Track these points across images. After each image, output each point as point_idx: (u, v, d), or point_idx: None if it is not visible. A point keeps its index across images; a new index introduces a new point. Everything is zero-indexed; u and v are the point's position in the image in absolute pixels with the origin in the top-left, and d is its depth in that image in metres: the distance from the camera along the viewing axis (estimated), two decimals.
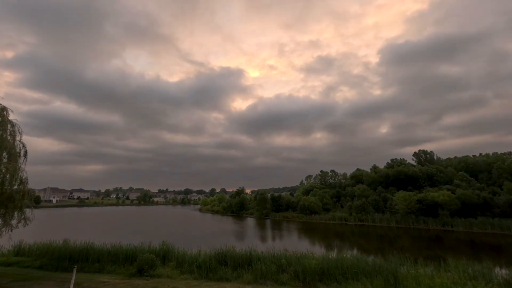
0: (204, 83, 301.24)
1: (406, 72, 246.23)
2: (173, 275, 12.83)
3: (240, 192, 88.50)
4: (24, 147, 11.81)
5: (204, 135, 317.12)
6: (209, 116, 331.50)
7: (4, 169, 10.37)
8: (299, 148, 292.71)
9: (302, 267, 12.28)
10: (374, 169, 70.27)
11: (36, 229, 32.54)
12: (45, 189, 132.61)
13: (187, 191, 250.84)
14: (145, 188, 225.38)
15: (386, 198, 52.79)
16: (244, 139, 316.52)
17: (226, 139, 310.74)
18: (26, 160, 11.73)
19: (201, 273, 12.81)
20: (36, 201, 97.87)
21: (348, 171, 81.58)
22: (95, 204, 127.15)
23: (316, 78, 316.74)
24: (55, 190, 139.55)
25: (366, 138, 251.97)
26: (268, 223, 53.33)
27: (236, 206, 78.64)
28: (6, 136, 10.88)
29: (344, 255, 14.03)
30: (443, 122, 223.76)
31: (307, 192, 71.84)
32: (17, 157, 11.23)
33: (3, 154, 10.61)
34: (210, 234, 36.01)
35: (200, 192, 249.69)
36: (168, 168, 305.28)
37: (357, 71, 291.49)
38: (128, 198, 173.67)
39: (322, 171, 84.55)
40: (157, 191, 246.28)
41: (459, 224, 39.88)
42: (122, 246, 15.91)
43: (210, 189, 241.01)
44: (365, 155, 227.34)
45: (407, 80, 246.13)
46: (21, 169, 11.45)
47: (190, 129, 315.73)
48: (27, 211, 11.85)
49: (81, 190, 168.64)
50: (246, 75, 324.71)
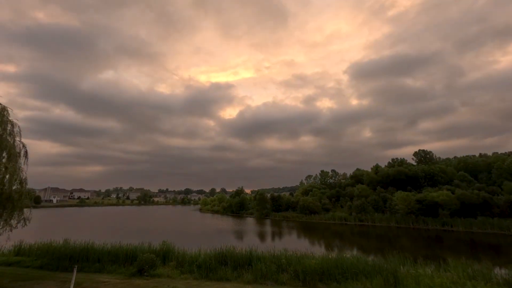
0: (193, 95, 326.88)
1: (374, 85, 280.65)
2: (173, 275, 12.85)
3: (240, 192, 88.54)
4: (25, 147, 11.80)
5: (199, 139, 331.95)
6: (201, 122, 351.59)
7: (4, 169, 10.36)
8: (291, 150, 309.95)
9: (302, 267, 12.29)
10: (375, 169, 70.25)
11: (37, 229, 32.60)
12: (46, 189, 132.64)
13: (187, 191, 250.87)
14: (145, 188, 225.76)
15: (386, 198, 52.80)
16: (237, 142, 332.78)
17: (220, 142, 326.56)
18: (27, 160, 11.74)
19: (201, 273, 12.82)
20: (37, 201, 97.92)
21: (341, 172, 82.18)
22: (96, 204, 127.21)
23: (296, 91, 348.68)
24: (56, 190, 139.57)
25: (352, 141, 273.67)
26: (268, 223, 53.35)
27: (236, 206, 78.67)
28: (6, 136, 10.88)
29: (344, 255, 14.05)
30: (420, 127, 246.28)
31: (307, 192, 71.81)
32: (17, 157, 11.22)
33: (3, 154, 10.60)
34: (210, 233, 36.06)
35: (200, 192, 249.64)
36: (166, 169, 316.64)
37: (332, 85, 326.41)
38: (129, 198, 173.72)
39: (322, 171, 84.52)
40: (157, 191, 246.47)
41: (459, 224, 39.89)
42: (122, 246, 15.92)
43: (210, 189, 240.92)
44: (353, 157, 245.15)
45: (378, 92, 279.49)
46: (21, 169, 11.46)
47: (184, 134, 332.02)
48: (26, 211, 11.85)
49: (82, 190, 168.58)
50: (232, 88, 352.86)
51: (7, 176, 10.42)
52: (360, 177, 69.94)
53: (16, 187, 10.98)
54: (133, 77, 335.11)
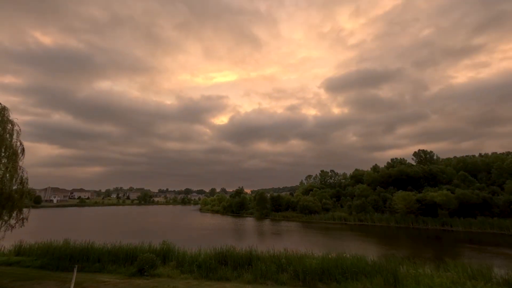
0: (184, 105, 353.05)
1: (348, 96, 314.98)
2: (174, 275, 12.86)
3: (240, 192, 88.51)
4: (22, 145, 11.74)
5: (193, 142, 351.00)
6: (194, 128, 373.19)
7: (4, 168, 10.36)
8: (282, 153, 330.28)
9: (302, 267, 12.30)
10: (375, 169, 70.26)
11: (37, 229, 32.63)
12: (46, 189, 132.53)
13: (188, 191, 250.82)
14: (146, 188, 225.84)
15: (386, 198, 52.82)
16: (230, 145, 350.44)
17: (213, 146, 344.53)
18: (23, 157, 11.68)
19: (201, 273, 12.83)
20: (37, 201, 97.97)
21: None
22: (96, 204, 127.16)
23: (279, 101, 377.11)
24: (56, 190, 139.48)
25: (338, 145, 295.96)
26: (268, 223, 53.36)
27: (236, 206, 78.67)
28: (6, 135, 10.87)
29: (344, 255, 14.05)
30: (399, 132, 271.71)
31: (307, 192, 71.86)
32: (17, 156, 11.21)
33: (2, 153, 10.58)
34: (209, 234, 36.07)
35: (200, 192, 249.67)
36: (164, 170, 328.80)
37: (312, 96, 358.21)
38: (129, 198, 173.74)
39: (322, 171, 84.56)
40: (158, 191, 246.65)
41: (459, 224, 39.91)
42: (123, 246, 15.93)
43: (210, 189, 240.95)
44: (341, 159, 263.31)
45: (353, 101, 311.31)
46: (22, 169, 11.45)
47: (179, 138, 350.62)
48: (25, 211, 11.83)
49: (82, 190, 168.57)
50: (220, 98, 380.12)
51: (7, 176, 10.41)
52: (360, 177, 69.96)
53: (17, 187, 10.97)
54: (127, 87, 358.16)
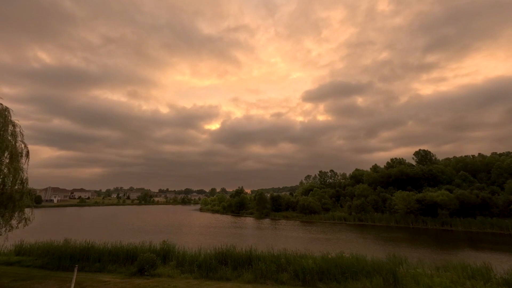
0: (178, 113, 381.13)
1: (328, 105, 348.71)
2: (174, 275, 12.89)
3: (240, 192, 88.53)
4: (26, 147, 11.81)
5: (189, 145, 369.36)
6: (189, 132, 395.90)
7: (6, 170, 10.39)
8: (275, 155, 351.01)
9: (302, 267, 12.32)
10: (375, 169, 70.32)
11: (37, 229, 32.65)
12: (46, 189, 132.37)
13: (188, 191, 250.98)
14: (146, 188, 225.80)
15: (386, 198, 52.86)
16: (224, 148, 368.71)
17: (208, 148, 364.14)
18: (28, 160, 11.76)
19: (202, 273, 12.86)
20: (37, 201, 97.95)
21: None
22: (96, 204, 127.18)
23: (266, 109, 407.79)
24: (56, 190, 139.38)
25: (327, 147, 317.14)
26: (268, 223, 53.40)
27: (236, 206, 78.74)
28: (8, 137, 10.90)
29: (344, 255, 14.08)
30: (383, 136, 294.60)
31: (307, 192, 71.92)
32: (19, 158, 11.24)
33: (5, 154, 10.62)
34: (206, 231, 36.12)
35: (201, 192, 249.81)
36: (162, 171, 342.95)
37: (295, 106, 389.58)
38: (129, 198, 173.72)
39: (321, 171, 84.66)
40: (158, 191, 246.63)
41: (458, 224, 39.96)
42: (123, 246, 15.95)
43: (211, 189, 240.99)
44: (332, 161, 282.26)
45: (334, 110, 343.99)
46: (22, 169, 11.48)
47: (175, 141, 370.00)
48: (27, 211, 11.87)
49: (82, 190, 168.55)
50: (212, 108, 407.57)
51: (10, 176, 10.44)
52: (360, 177, 70.02)
53: (18, 187, 11.01)
54: (122, 96, 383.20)
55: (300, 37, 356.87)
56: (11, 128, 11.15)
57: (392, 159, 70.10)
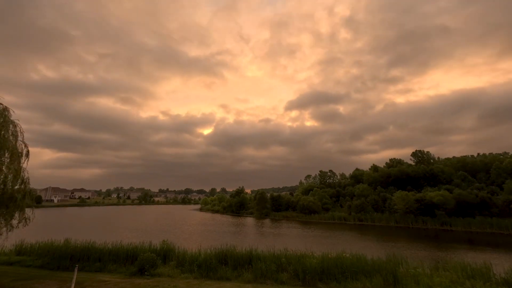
0: (172, 119, 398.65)
1: (312, 112, 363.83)
2: (174, 274, 12.91)
3: (240, 192, 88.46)
4: (26, 147, 11.80)
5: (185, 148, 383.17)
6: (184, 136, 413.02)
7: (6, 170, 10.40)
8: (269, 156, 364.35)
9: (302, 266, 12.34)
10: (375, 168, 70.30)
11: (38, 229, 32.67)
12: (47, 189, 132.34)
13: (188, 191, 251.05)
14: (146, 188, 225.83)
15: (385, 198, 52.87)
16: (218, 150, 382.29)
17: (204, 150, 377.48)
18: (28, 160, 11.77)
19: (202, 272, 12.88)
20: (37, 201, 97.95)
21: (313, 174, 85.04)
22: (96, 204, 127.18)
23: (255, 117, 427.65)
24: (57, 190, 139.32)
25: (317, 150, 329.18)
26: (268, 222, 53.42)
27: (236, 206, 78.75)
28: (8, 136, 10.90)
29: (344, 254, 14.10)
30: (369, 139, 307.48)
31: (307, 192, 71.93)
32: (19, 157, 11.25)
33: (5, 154, 10.63)
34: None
35: (201, 192, 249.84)
36: (160, 171, 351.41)
37: (282, 113, 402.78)
38: (129, 198, 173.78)
39: (321, 171, 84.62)
40: (158, 191, 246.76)
41: (458, 224, 40.00)
42: (123, 245, 15.97)
43: (211, 189, 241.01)
44: (324, 162, 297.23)
45: (319, 116, 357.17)
46: (23, 169, 11.49)
47: (171, 144, 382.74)
48: (28, 211, 11.89)
49: (82, 190, 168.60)
50: (205, 115, 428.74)
51: (10, 176, 10.45)
52: (360, 177, 70.04)
53: (18, 187, 11.02)
54: (118, 103, 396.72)
55: (276, 58, 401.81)
56: (12, 128, 11.16)
57: (392, 159, 70.13)
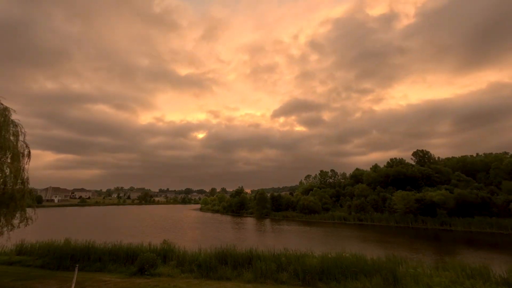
0: (167, 126, 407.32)
1: (297, 118, 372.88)
2: (174, 274, 12.93)
3: (240, 192, 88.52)
4: (28, 148, 11.82)
5: (181, 150, 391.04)
6: (179, 140, 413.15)
7: (7, 170, 10.42)
8: (263, 158, 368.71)
9: (302, 266, 12.36)
10: (374, 168, 70.34)
11: (38, 229, 32.67)
12: (47, 189, 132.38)
13: (188, 191, 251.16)
14: (146, 188, 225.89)
15: (385, 198, 52.90)
16: (213, 152, 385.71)
17: (199, 153, 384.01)
18: (29, 160, 11.79)
19: (202, 272, 12.89)
20: (38, 201, 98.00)
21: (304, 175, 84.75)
22: (96, 204, 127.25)
23: (246, 122, 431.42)
24: (57, 190, 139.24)
25: (308, 152, 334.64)
26: (268, 222, 53.47)
27: (236, 206, 78.80)
28: (9, 136, 10.92)
29: (344, 254, 14.13)
30: (355, 142, 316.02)
31: (307, 192, 71.99)
32: (20, 157, 11.27)
33: (6, 154, 10.64)
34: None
35: (201, 192, 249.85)
36: (158, 172, 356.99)
37: (270, 119, 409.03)
38: (129, 198, 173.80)
39: (322, 171, 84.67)
40: (158, 191, 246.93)
41: (457, 224, 40.02)
42: (123, 245, 15.97)
43: (211, 189, 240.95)
44: (316, 163, 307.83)
45: (305, 122, 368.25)
46: (23, 169, 11.51)
47: (168, 147, 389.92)
48: (29, 211, 11.92)
49: (83, 190, 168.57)
50: (200, 122, 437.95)
51: (11, 176, 10.47)
52: (360, 177, 70.07)
53: (19, 187, 11.03)
54: (114, 109, 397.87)
55: (258, 75, 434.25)
56: (13, 128, 11.17)
57: (392, 159, 70.10)
